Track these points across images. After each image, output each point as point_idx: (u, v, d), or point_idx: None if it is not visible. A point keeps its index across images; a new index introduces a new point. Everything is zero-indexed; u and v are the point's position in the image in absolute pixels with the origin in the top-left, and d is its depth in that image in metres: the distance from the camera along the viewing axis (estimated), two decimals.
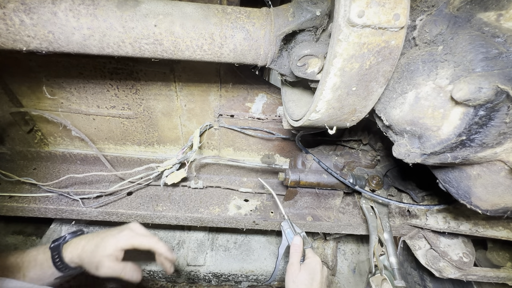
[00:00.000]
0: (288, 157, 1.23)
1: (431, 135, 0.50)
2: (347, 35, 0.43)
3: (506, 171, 0.50)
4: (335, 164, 0.96)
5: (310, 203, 1.05)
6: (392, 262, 0.85)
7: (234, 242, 1.55)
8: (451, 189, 0.60)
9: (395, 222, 1.02)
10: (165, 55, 0.59)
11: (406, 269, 1.45)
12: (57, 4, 0.50)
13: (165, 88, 0.95)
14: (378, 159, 1.05)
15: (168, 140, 1.13)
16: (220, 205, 1.06)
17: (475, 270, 0.94)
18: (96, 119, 1.04)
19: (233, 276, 1.41)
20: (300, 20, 0.54)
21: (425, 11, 0.52)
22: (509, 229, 0.90)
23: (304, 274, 0.75)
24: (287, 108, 0.78)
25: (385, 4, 0.41)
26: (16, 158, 1.10)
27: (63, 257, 0.71)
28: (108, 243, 0.71)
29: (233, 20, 0.56)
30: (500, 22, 0.45)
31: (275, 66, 0.63)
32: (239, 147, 1.17)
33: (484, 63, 0.42)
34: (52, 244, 0.71)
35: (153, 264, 1.40)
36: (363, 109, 0.56)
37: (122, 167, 1.14)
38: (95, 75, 0.90)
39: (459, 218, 0.90)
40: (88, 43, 0.55)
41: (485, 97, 0.40)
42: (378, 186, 1.00)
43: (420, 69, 0.50)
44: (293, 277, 0.75)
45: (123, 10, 0.53)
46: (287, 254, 0.82)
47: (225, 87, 0.97)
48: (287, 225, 0.87)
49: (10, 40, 0.53)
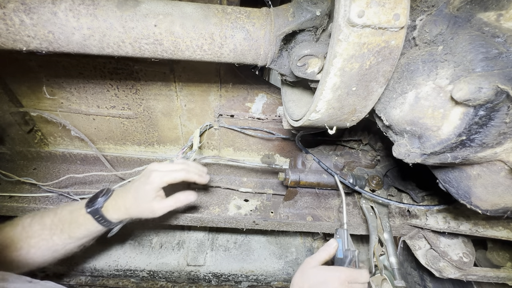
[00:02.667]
0: (288, 157, 1.23)
1: (431, 135, 0.50)
2: (347, 35, 0.43)
3: (506, 171, 0.50)
4: (335, 164, 0.96)
5: (310, 203, 1.05)
6: (392, 262, 0.85)
7: (234, 242, 1.55)
8: (451, 189, 0.60)
9: (395, 222, 1.02)
10: (165, 55, 0.59)
11: (406, 269, 1.45)
12: (57, 4, 0.50)
13: (165, 88, 0.95)
14: (378, 159, 1.05)
15: (168, 140, 1.13)
16: (220, 205, 1.06)
17: (475, 270, 0.94)
18: (96, 119, 1.04)
19: (233, 276, 1.42)
20: (300, 20, 0.54)
21: (425, 11, 0.52)
22: (509, 229, 0.90)
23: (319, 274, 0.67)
24: (287, 108, 0.78)
25: (385, 4, 0.41)
26: (16, 158, 1.10)
27: (108, 219, 0.72)
28: (144, 192, 0.71)
29: (233, 20, 0.56)
30: (500, 22, 0.45)
31: (275, 66, 0.63)
32: (239, 147, 1.17)
33: (484, 63, 0.42)
34: (88, 209, 0.71)
35: (153, 263, 1.40)
36: (363, 109, 0.56)
37: (122, 167, 1.14)
38: (95, 75, 0.90)
39: (459, 218, 0.90)
40: (88, 43, 0.55)
41: (485, 97, 0.40)
42: (378, 186, 1.00)
43: (420, 69, 0.50)
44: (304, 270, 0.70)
45: (123, 10, 0.53)
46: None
47: (225, 87, 0.97)
48: (341, 234, 0.76)
49: (10, 40, 0.53)
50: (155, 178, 0.71)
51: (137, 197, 0.71)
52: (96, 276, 1.36)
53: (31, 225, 0.70)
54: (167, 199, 0.74)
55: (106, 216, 0.72)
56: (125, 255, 1.42)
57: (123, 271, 1.37)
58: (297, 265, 1.49)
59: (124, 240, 1.47)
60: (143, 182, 0.71)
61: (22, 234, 0.69)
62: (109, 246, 1.43)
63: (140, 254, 1.43)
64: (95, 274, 1.36)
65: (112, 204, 0.72)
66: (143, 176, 0.74)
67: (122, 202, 0.72)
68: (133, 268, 1.38)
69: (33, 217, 0.72)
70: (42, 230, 0.70)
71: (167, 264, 1.42)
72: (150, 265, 1.39)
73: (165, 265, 1.41)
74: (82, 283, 1.33)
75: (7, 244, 0.67)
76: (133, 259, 1.41)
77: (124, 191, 0.74)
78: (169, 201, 0.74)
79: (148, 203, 0.71)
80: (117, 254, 1.41)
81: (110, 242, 1.44)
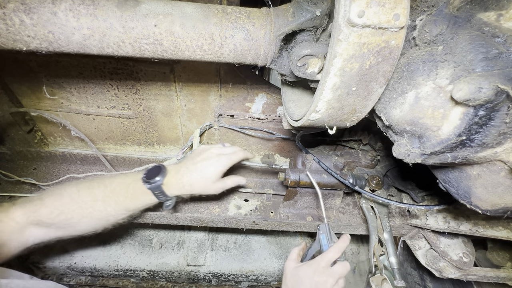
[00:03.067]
0: (288, 157, 1.23)
1: (431, 135, 0.50)
2: (347, 35, 0.43)
3: (506, 171, 0.50)
4: (335, 164, 0.96)
5: (310, 203, 1.05)
6: (392, 262, 0.85)
7: (234, 242, 1.55)
8: (451, 189, 0.60)
9: (395, 222, 1.02)
10: (165, 55, 0.59)
11: (406, 269, 1.45)
12: (57, 4, 0.50)
13: (165, 88, 0.95)
14: (378, 159, 1.05)
15: (168, 140, 1.13)
16: (220, 205, 1.06)
17: (475, 270, 0.94)
18: (96, 119, 1.04)
19: (233, 276, 1.42)
20: (300, 20, 0.54)
21: (425, 11, 0.52)
22: (509, 229, 0.90)
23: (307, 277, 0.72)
24: (287, 108, 0.78)
25: (385, 4, 0.41)
26: (16, 158, 1.10)
27: (167, 194, 0.78)
28: (214, 173, 0.78)
29: (233, 20, 0.56)
30: (500, 22, 0.45)
31: (275, 66, 0.63)
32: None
33: (484, 63, 0.42)
34: (148, 185, 0.75)
35: (153, 263, 1.40)
36: (363, 109, 0.56)
37: (122, 167, 1.14)
38: (95, 75, 0.90)
39: (459, 218, 0.90)
40: (88, 43, 0.55)
41: (485, 97, 0.40)
42: (378, 186, 1.00)
43: (420, 69, 0.50)
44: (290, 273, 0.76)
45: (123, 10, 0.53)
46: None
47: (225, 87, 0.97)
48: (324, 229, 0.82)
49: (10, 40, 0.53)
50: (225, 161, 0.80)
51: (204, 176, 0.78)
52: (96, 276, 1.36)
53: (80, 196, 0.74)
54: (226, 179, 0.83)
55: (166, 192, 0.77)
56: (125, 255, 1.42)
57: (123, 271, 1.37)
58: None
59: (124, 240, 1.47)
60: (211, 164, 0.79)
61: (73, 204, 0.73)
62: (109, 246, 1.43)
63: (140, 254, 1.43)
64: (95, 274, 1.36)
65: (173, 181, 0.78)
66: (206, 158, 0.80)
67: (187, 180, 0.78)
68: (133, 268, 1.38)
69: (78, 187, 0.76)
70: (95, 202, 0.74)
71: (167, 264, 1.42)
72: (150, 265, 1.39)
73: (165, 265, 1.41)
74: (82, 283, 1.33)
75: (57, 213, 0.72)
76: (133, 259, 1.41)
77: (187, 171, 0.79)
78: (229, 180, 0.83)
79: (214, 183, 0.79)
80: (117, 254, 1.41)
81: (110, 242, 1.44)
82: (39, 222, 0.71)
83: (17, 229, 0.69)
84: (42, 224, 0.72)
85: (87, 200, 0.74)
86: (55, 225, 0.73)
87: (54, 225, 0.73)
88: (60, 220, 0.72)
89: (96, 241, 1.42)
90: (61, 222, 0.73)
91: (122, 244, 1.45)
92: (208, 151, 0.83)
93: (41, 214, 0.70)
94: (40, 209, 0.71)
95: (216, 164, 0.79)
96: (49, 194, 0.75)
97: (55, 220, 0.72)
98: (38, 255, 1.30)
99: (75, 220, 0.74)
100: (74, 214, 0.73)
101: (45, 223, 0.71)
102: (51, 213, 0.71)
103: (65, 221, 0.73)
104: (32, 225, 0.71)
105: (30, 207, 0.71)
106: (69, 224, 0.74)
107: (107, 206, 0.75)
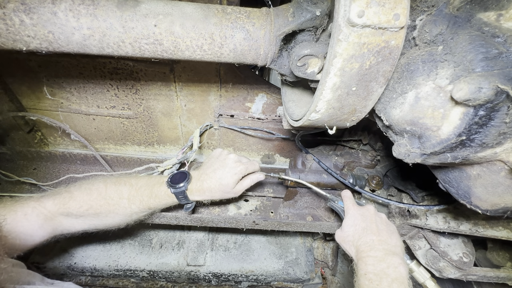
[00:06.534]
0: (288, 157, 1.22)
1: (431, 135, 0.50)
2: (347, 35, 0.43)
3: (506, 171, 0.50)
4: (335, 164, 0.96)
5: (310, 203, 1.05)
6: None
7: (234, 242, 1.55)
8: (451, 189, 0.60)
9: (395, 222, 1.02)
10: (165, 55, 0.59)
11: None
12: (57, 4, 0.50)
13: (165, 88, 0.95)
14: (378, 159, 1.05)
15: (168, 140, 1.13)
16: (220, 205, 1.06)
17: (475, 270, 0.94)
18: (96, 119, 1.04)
19: (233, 276, 1.41)
20: (300, 20, 0.54)
21: (425, 11, 0.52)
22: (509, 229, 0.90)
23: (360, 217, 0.80)
24: (287, 108, 0.78)
25: (385, 4, 0.41)
26: (16, 158, 1.10)
27: (190, 199, 0.83)
28: (231, 180, 0.82)
29: (233, 20, 0.56)
30: (500, 22, 0.45)
31: (275, 66, 0.63)
32: (239, 147, 1.17)
33: (484, 63, 0.42)
34: (173, 190, 0.80)
35: (153, 263, 1.40)
36: (363, 109, 0.56)
37: (122, 167, 1.14)
38: (95, 75, 0.90)
39: (459, 218, 0.90)
40: (88, 43, 0.55)
41: (485, 97, 0.40)
42: (378, 186, 1.00)
43: (420, 69, 0.50)
44: (350, 221, 0.81)
45: (123, 10, 0.53)
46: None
47: (225, 87, 0.97)
48: (334, 199, 0.88)
49: (10, 40, 0.53)
50: (241, 170, 0.83)
51: (222, 183, 0.82)
52: (96, 276, 1.36)
53: (107, 192, 0.79)
54: (244, 180, 0.86)
55: (189, 197, 0.82)
56: (125, 255, 1.42)
57: (123, 271, 1.37)
58: (297, 265, 1.49)
59: (124, 240, 1.47)
60: (228, 171, 0.82)
61: (100, 200, 0.78)
62: (109, 246, 1.43)
63: (140, 254, 1.43)
64: (95, 274, 1.35)
65: (195, 188, 0.82)
66: (224, 166, 0.84)
67: (207, 187, 0.82)
68: (133, 268, 1.38)
69: (106, 184, 0.80)
70: (121, 199, 0.79)
71: (167, 264, 1.41)
72: (150, 265, 1.39)
73: (165, 265, 1.41)
74: (82, 283, 1.33)
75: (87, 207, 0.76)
76: (133, 259, 1.41)
77: (206, 178, 0.83)
78: (246, 181, 0.86)
79: (232, 188, 0.83)
80: (117, 254, 1.41)
81: (110, 242, 1.44)
82: (69, 214, 0.75)
83: (49, 217, 0.74)
84: (71, 216, 0.76)
85: (113, 197, 0.78)
86: (84, 217, 0.77)
87: (83, 217, 0.77)
88: (89, 213, 0.77)
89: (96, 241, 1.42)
90: (89, 215, 0.77)
91: (122, 244, 1.45)
92: (227, 157, 0.86)
93: (71, 207, 0.75)
94: (69, 202, 0.75)
95: (233, 171, 0.82)
96: (77, 188, 0.79)
97: (84, 213, 0.76)
98: (38, 255, 1.30)
99: (103, 215, 0.78)
100: (102, 209, 0.77)
101: (74, 215, 0.76)
102: (81, 207, 0.75)
103: (93, 215, 0.78)
104: (62, 215, 0.75)
105: (59, 199, 0.75)
106: (96, 218, 0.79)
107: (131, 204, 0.79)
